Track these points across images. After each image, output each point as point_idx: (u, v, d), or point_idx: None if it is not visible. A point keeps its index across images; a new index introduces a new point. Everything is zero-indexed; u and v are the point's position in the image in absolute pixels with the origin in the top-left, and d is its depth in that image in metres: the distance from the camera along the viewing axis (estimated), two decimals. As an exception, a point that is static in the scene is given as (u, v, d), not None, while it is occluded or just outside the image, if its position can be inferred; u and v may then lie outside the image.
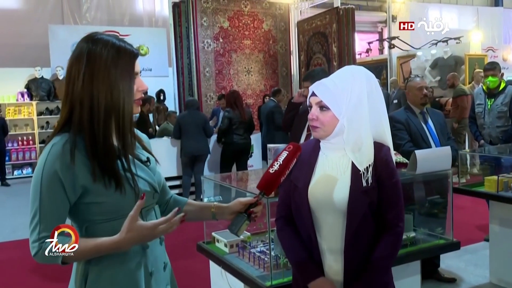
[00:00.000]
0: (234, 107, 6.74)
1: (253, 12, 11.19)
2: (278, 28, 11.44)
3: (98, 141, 1.37)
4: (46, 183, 1.33)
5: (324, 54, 10.52)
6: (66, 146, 1.34)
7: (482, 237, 4.89)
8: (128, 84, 1.43)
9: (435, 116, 3.80)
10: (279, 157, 1.63)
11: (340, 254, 1.71)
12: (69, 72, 1.40)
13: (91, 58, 1.38)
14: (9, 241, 5.63)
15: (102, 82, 1.37)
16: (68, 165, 1.33)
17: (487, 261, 4.02)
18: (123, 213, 1.36)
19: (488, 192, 3.66)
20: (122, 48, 1.42)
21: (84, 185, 1.34)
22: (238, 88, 11.15)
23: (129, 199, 1.38)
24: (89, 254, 1.36)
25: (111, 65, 1.39)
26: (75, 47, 1.42)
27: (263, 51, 11.39)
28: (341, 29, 9.92)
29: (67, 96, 1.40)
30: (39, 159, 1.37)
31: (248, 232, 2.77)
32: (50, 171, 1.33)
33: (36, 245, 1.33)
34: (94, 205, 1.38)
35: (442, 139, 3.64)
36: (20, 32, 11.41)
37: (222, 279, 2.61)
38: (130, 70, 1.43)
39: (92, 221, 1.40)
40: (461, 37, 10.38)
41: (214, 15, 10.73)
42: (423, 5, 16.02)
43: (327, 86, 1.70)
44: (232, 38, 10.93)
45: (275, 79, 11.60)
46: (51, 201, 1.33)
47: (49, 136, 1.42)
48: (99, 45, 1.39)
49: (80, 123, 1.37)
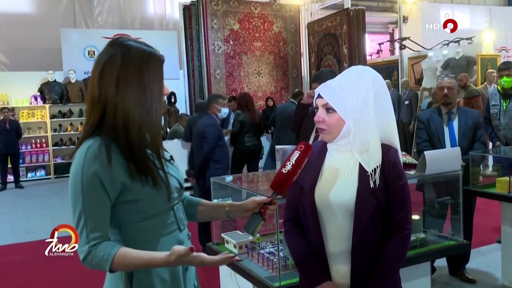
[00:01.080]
0: (245, 110, 6.74)
1: (263, 14, 11.21)
2: (288, 30, 11.44)
3: (134, 144, 1.40)
4: (87, 184, 1.34)
5: (335, 55, 10.50)
6: (101, 147, 1.37)
7: (494, 239, 4.85)
8: (159, 88, 1.48)
9: (466, 117, 3.74)
10: (291, 157, 1.63)
11: (347, 257, 1.70)
12: (100, 75, 1.41)
13: (125, 62, 1.41)
14: (23, 243, 5.69)
15: (136, 85, 1.41)
16: (106, 165, 1.35)
17: (500, 263, 3.99)
18: (157, 210, 1.43)
19: (500, 193, 3.62)
20: (153, 53, 1.47)
21: (122, 182, 1.38)
22: (249, 90, 11.16)
23: (163, 196, 1.44)
24: (139, 267, 1.39)
25: (144, 69, 1.43)
26: (104, 52, 1.44)
27: (274, 53, 11.40)
28: (351, 30, 9.90)
29: (99, 99, 1.41)
30: (75, 163, 1.37)
31: (258, 233, 2.78)
32: (89, 172, 1.34)
33: (85, 248, 1.34)
34: (130, 204, 1.41)
35: (464, 141, 3.61)
36: (33, 37, 11.55)
37: (232, 280, 2.62)
38: (160, 74, 1.48)
39: (127, 220, 1.43)
40: (473, 37, 10.28)
41: (224, 17, 10.77)
42: (435, 5, 15.91)
43: (332, 87, 1.69)
44: (243, 40, 10.96)
45: (285, 81, 11.60)
46: (95, 201, 1.35)
47: (80, 138, 1.44)
48: (132, 50, 1.43)
49: (114, 126, 1.40)
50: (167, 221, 1.48)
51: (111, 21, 12.75)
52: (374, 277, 1.67)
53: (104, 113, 1.40)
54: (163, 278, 1.45)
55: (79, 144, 1.41)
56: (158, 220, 1.46)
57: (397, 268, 1.74)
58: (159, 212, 1.44)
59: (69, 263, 4.55)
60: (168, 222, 1.49)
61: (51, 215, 7.17)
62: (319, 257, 1.74)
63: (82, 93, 11.04)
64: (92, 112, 1.42)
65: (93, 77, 1.43)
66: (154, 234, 1.45)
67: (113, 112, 1.39)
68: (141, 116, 1.41)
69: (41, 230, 6.03)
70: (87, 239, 1.33)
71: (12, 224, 6.75)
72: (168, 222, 1.49)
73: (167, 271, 1.46)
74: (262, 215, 1.55)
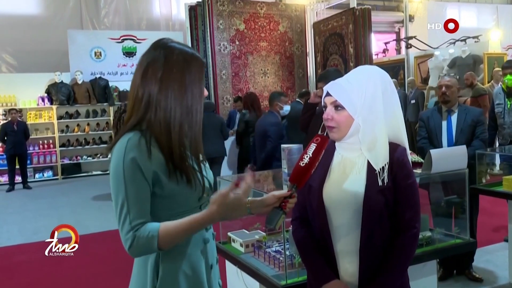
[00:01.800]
0: (251, 110, 6.74)
1: (269, 14, 11.22)
2: (294, 30, 11.44)
3: (174, 142, 1.44)
4: (128, 172, 1.37)
5: (341, 55, 10.48)
6: (142, 140, 1.41)
7: (501, 238, 4.83)
8: (199, 89, 1.52)
9: (466, 114, 3.73)
10: (308, 150, 1.63)
11: (355, 255, 1.70)
12: (143, 75, 1.46)
13: (169, 63, 1.46)
14: (31, 243, 5.73)
15: (178, 86, 1.46)
16: (145, 154, 1.39)
17: (507, 261, 3.97)
18: (188, 207, 1.46)
19: (507, 191, 3.61)
20: (195, 56, 1.52)
21: (158, 175, 1.41)
22: (255, 90, 11.17)
23: (197, 194, 1.49)
24: (185, 234, 1.41)
25: (186, 70, 1.48)
26: (147, 53, 1.50)
27: (279, 53, 11.40)
28: (357, 30, 9.88)
29: (142, 97, 1.46)
30: (115, 155, 1.41)
31: (263, 232, 2.79)
32: (128, 159, 1.38)
33: (130, 235, 1.35)
34: (162, 199, 1.44)
35: (462, 138, 3.61)
36: (40, 38, 11.62)
37: (238, 279, 2.63)
38: (201, 76, 1.53)
39: (157, 215, 1.44)
40: (480, 35, 10.24)
41: (230, 17, 10.79)
42: (441, 4, 15.83)
43: (341, 85, 1.71)
44: (248, 40, 10.97)
45: (291, 80, 11.60)
46: (137, 188, 1.38)
47: (118, 132, 1.48)
48: (175, 51, 1.48)
49: (156, 123, 1.44)
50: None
51: (117, 22, 12.80)
52: (383, 276, 1.67)
53: (146, 111, 1.45)
54: (187, 274, 1.48)
55: (117, 138, 1.45)
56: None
57: (405, 266, 1.75)
58: (188, 209, 1.46)
59: (76, 263, 4.59)
60: None
61: (58, 215, 7.22)
62: (327, 256, 1.75)
63: (89, 94, 11.10)
64: (134, 109, 1.47)
65: (135, 77, 1.49)
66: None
67: (154, 109, 1.44)
68: (181, 115, 1.46)
69: (49, 231, 6.03)
70: (130, 226, 1.35)
71: (20, 224, 6.79)
72: None
73: (191, 268, 1.49)
74: (282, 209, 1.56)
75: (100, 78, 11.17)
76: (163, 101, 1.44)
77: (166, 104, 1.44)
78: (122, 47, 11.58)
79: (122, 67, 11.63)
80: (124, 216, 1.36)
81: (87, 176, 11.06)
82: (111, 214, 6.43)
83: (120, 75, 11.61)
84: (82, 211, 7.43)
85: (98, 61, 11.46)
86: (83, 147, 11.21)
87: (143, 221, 1.37)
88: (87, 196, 8.62)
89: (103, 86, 11.11)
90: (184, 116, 1.47)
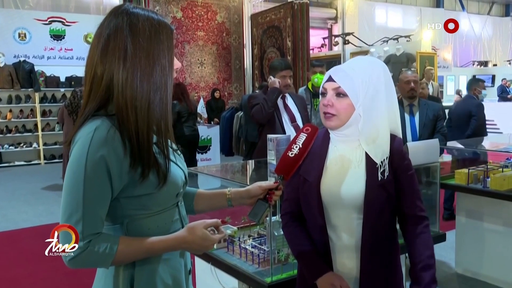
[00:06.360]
0: (181, 100, 6.61)
1: (206, 3, 11.04)
2: (231, 21, 11.35)
3: (140, 128, 1.22)
4: (91, 171, 1.16)
5: (278, 48, 10.53)
6: (112, 131, 1.19)
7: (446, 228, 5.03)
8: (170, 61, 1.29)
9: (428, 109, 3.83)
10: (297, 140, 1.54)
11: (354, 250, 1.65)
12: (103, 50, 1.22)
13: (134, 33, 1.23)
14: None
15: (146, 59, 1.23)
16: (121, 151, 1.19)
17: (453, 251, 4.13)
18: (164, 206, 1.29)
19: (459, 184, 3.75)
20: (162, 23, 1.28)
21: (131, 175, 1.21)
22: (191, 80, 10.97)
23: (174, 189, 1.31)
24: (145, 255, 1.24)
25: (154, 40, 1.25)
26: (106, 23, 1.25)
27: (217, 43, 11.27)
28: (295, 24, 9.97)
29: (101, 77, 1.22)
30: (78, 146, 1.19)
31: (234, 227, 2.68)
32: (95, 157, 1.16)
33: (80, 245, 1.16)
34: (137, 198, 1.25)
35: (425, 133, 3.70)
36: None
37: (212, 277, 2.49)
38: (171, 46, 1.30)
39: (131, 216, 1.26)
40: (411, 35, 10.73)
41: (167, 4, 10.48)
42: (371, 3, 16.41)
43: (346, 72, 1.62)
44: (185, 29, 10.73)
45: (228, 72, 11.51)
46: (97, 192, 1.17)
47: (77, 122, 1.24)
48: (141, 18, 1.24)
49: (122, 106, 1.21)
50: (173, 219, 1.34)
51: (43, 2, 11.96)
52: (422, 275, 1.61)
53: (108, 92, 1.22)
54: (166, 283, 1.31)
55: (77, 127, 1.22)
56: (164, 217, 1.31)
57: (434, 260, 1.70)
58: (165, 208, 1.30)
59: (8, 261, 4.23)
60: (173, 220, 1.34)
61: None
62: (323, 251, 1.68)
63: (12, 78, 10.30)
64: (93, 92, 1.23)
65: (92, 54, 1.24)
66: (159, 232, 1.29)
67: (121, 89, 1.21)
68: (148, 93, 1.23)
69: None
70: (82, 235, 1.15)
71: None
72: (173, 219, 1.35)
73: (170, 275, 1.33)
74: (268, 201, 1.47)
75: (25, 61, 10.39)
76: (130, 78, 1.21)
77: (133, 81, 1.21)
78: (50, 30, 10.84)
79: (49, 51, 10.89)
80: (75, 221, 1.16)
81: (9, 167, 10.29)
82: (41, 207, 6.00)
83: (47, 59, 10.86)
84: (7, 205, 6.87)
85: (22, 43, 10.66)
86: (4, 135, 10.41)
87: (97, 232, 1.18)
88: (10, 188, 8.00)
89: (28, 70, 10.35)
90: (155, 95, 1.24)
